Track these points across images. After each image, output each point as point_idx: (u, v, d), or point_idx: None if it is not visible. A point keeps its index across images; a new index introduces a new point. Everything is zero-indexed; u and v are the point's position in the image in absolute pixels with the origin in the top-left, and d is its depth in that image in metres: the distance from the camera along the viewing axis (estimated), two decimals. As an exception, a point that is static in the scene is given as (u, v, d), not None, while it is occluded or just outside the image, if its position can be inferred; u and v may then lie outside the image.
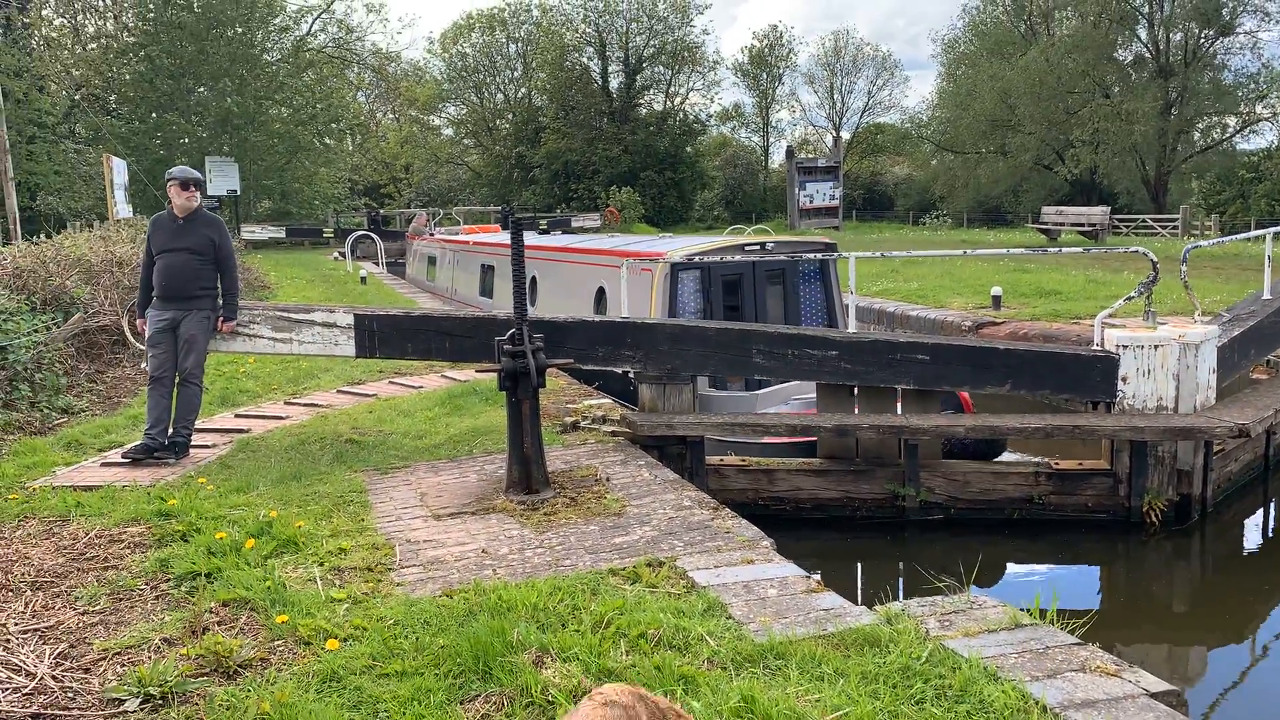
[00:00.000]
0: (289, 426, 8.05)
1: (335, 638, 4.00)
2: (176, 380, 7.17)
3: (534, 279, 12.99)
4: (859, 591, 6.43)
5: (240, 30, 38.60)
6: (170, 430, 7.13)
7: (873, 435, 7.01)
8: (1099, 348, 7.06)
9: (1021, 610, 4.15)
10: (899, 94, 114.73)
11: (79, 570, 5.04)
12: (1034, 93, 47.72)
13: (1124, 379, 6.88)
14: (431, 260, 20.62)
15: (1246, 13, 45.08)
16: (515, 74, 64.29)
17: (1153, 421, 6.64)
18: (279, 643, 4.05)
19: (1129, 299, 7.33)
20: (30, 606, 4.62)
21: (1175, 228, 35.33)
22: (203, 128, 36.92)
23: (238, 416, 8.54)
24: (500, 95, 65.13)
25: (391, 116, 70.76)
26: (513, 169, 60.82)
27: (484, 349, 7.13)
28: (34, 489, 6.39)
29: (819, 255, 10.18)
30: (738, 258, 9.89)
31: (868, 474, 7.23)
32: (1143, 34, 48.91)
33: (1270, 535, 7.45)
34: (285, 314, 7.40)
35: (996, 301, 14.15)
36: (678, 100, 61.82)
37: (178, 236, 7.13)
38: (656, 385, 7.29)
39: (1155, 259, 7.17)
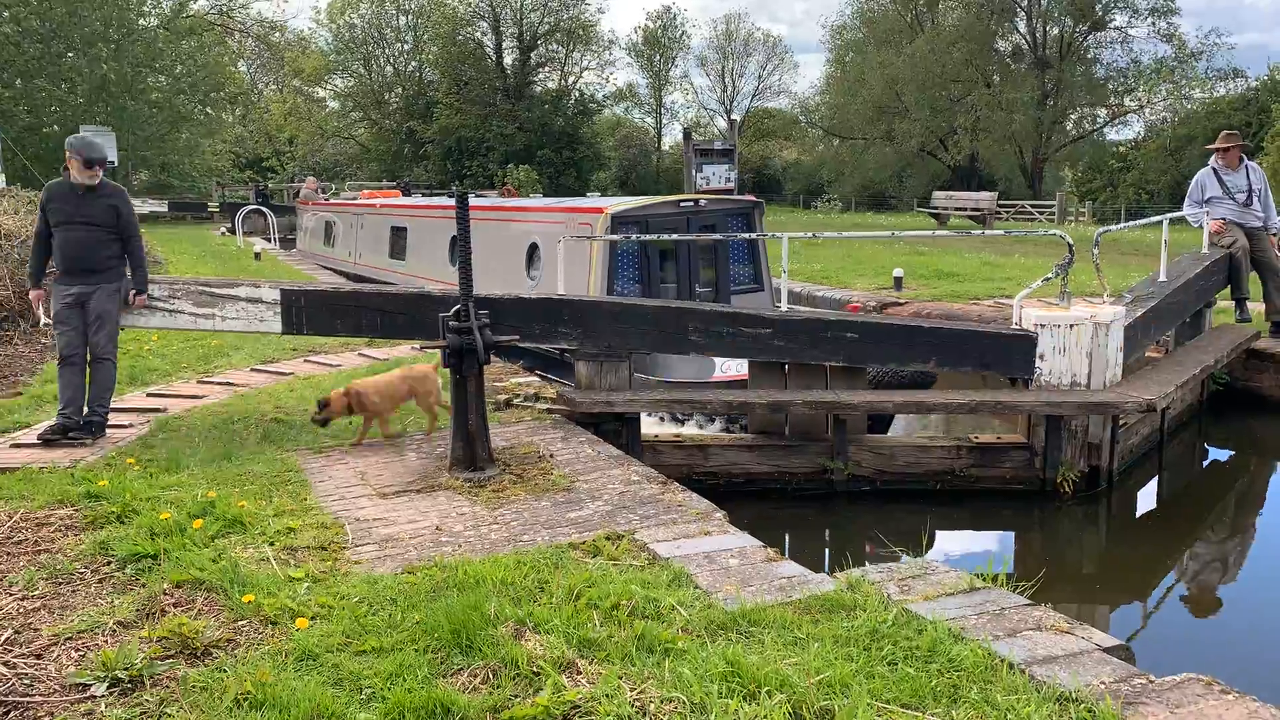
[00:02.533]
0: (208, 406, 7.80)
1: (303, 616, 3.94)
2: (88, 358, 6.88)
3: (453, 238, 12.92)
4: (790, 554, 6.59)
5: (115, -8, 36.75)
6: (85, 409, 6.83)
7: (804, 410, 7.19)
8: (1018, 326, 7.36)
9: (974, 575, 4.35)
10: (788, 79, 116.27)
11: (8, 555, 4.82)
12: (919, 81, 49.09)
13: (1041, 356, 7.14)
14: (329, 227, 20.05)
15: (1118, 9, 47.26)
16: (406, 47, 62.91)
17: (1069, 397, 6.96)
18: (243, 623, 3.97)
19: (1046, 280, 7.64)
20: (-40, 593, 4.40)
21: (1053, 213, 36.93)
22: (76, 95, 35.04)
23: (150, 396, 8.22)
24: (390, 68, 63.67)
25: (275, 87, 68.42)
26: (403, 144, 59.60)
27: (417, 325, 7.04)
28: (-57, 471, 6.06)
29: (745, 211, 10.98)
30: (673, 211, 10.49)
31: (799, 449, 7.41)
32: (1021, 26, 50.82)
33: (1165, 501, 7.94)
34: (208, 289, 7.15)
35: (898, 283, 14.58)
36: (572, 79, 61.50)
37: (79, 207, 6.74)
38: (594, 362, 7.31)
39: (1071, 242, 7.45)
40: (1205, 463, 8.98)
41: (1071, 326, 7.10)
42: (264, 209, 26.77)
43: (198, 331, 10.50)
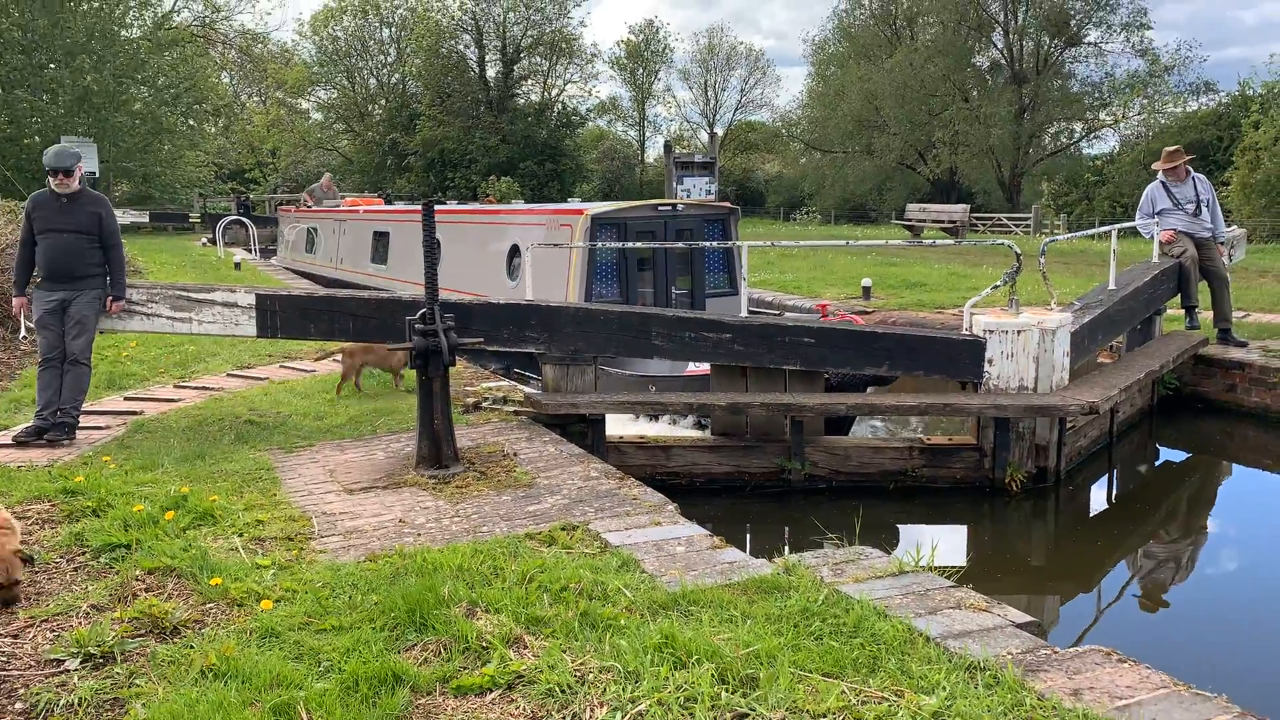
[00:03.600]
0: (184, 408, 8.01)
1: (268, 599, 4.16)
2: (64, 360, 7.08)
3: (437, 243, 13.24)
4: (749, 549, 6.84)
5: (98, 4, 36.88)
6: (58, 411, 7.03)
7: (762, 412, 7.44)
8: (968, 332, 7.62)
9: (904, 560, 4.62)
10: (770, 93, 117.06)
11: (-13, 546, 5.01)
12: (899, 95, 49.72)
13: (990, 361, 7.38)
14: (310, 234, 20.31)
15: (1092, 24, 47.98)
16: (389, 59, 63.22)
17: (1015, 400, 7.22)
18: (211, 605, 4.19)
19: (995, 288, 7.93)
20: (-59, 581, 4.60)
21: (1028, 225, 37.45)
22: (58, 106, 35.13)
23: (128, 399, 8.42)
24: (373, 80, 63.94)
25: (258, 99, 68.56)
26: (386, 155, 59.83)
27: (388, 329, 7.27)
28: (-77, 470, 6.24)
29: (722, 216, 11.54)
30: (652, 214, 10.95)
31: (757, 449, 7.66)
32: (999, 42, 51.51)
33: (1113, 501, 8.23)
34: (185, 293, 7.38)
35: (866, 292, 14.90)
36: (555, 92, 61.88)
37: (62, 215, 7.03)
38: (560, 366, 7.56)
39: (1019, 251, 7.68)
40: (1157, 463, 9.28)
41: (1019, 332, 7.36)
42: (244, 219, 26.94)
43: (175, 336, 10.71)
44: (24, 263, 7.21)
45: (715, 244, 10.78)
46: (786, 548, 6.70)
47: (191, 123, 41.59)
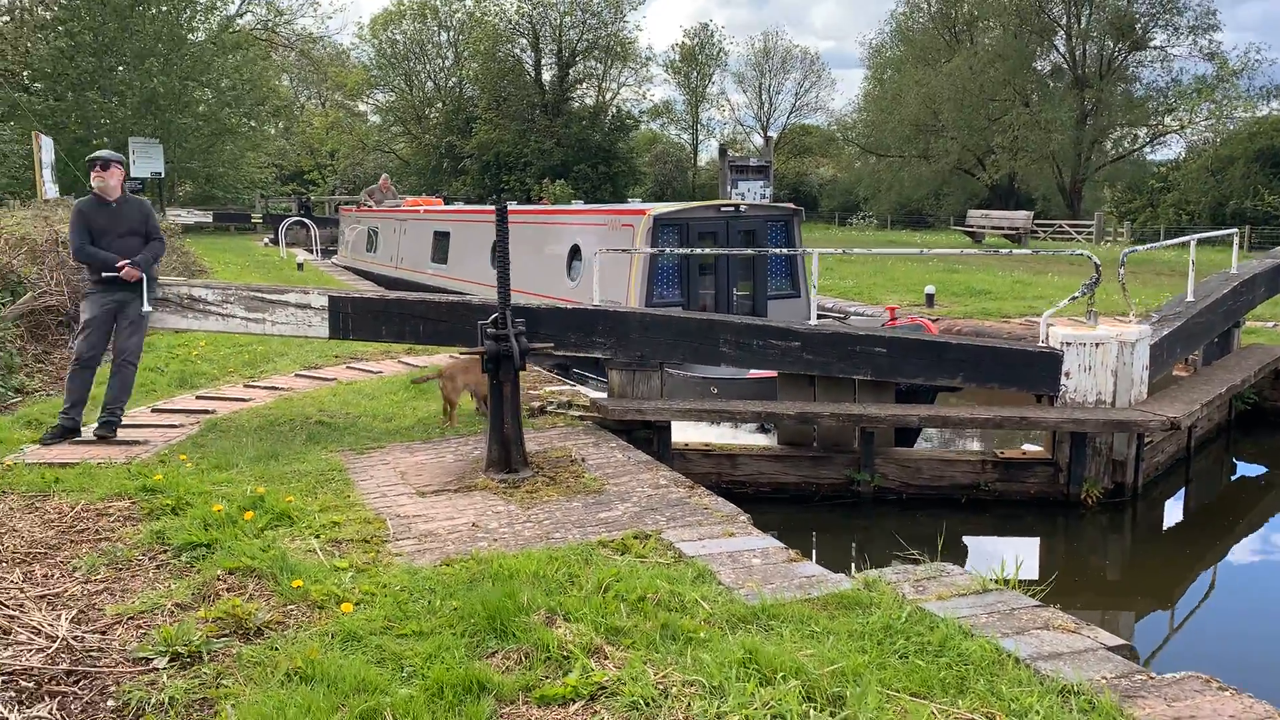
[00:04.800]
0: (255, 408, 8.11)
1: (348, 601, 4.18)
2: (113, 361, 7.18)
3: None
4: (815, 560, 6.76)
5: (166, 8, 37.66)
6: (103, 410, 7.11)
7: (832, 423, 7.36)
8: (1044, 344, 7.49)
9: (986, 578, 4.52)
10: (825, 96, 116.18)
11: (71, 542, 5.12)
12: (957, 99, 49.00)
13: (1067, 374, 7.23)
14: (371, 234, 20.49)
15: (1158, 27, 46.93)
16: (446, 63, 63.72)
17: (1093, 414, 7.10)
18: (292, 607, 4.22)
19: (1073, 299, 7.75)
20: (28, 576, 4.69)
21: (1090, 233, 36.74)
22: (125, 108, 35.93)
23: (199, 398, 8.55)
24: (430, 84, 64.53)
25: (316, 101, 69.58)
26: (443, 158, 60.33)
27: (458, 333, 7.31)
28: (7, 465, 6.39)
29: (785, 217, 11.48)
30: (714, 215, 10.84)
31: (825, 460, 7.58)
32: (1060, 46, 50.56)
33: (1190, 517, 8.02)
34: (259, 294, 7.50)
35: (930, 299, 14.69)
36: (609, 95, 62.02)
37: (116, 220, 7.12)
38: (626, 371, 7.54)
39: (1098, 262, 7.54)
40: (1233, 478, 9.04)
41: (1097, 345, 7.25)
42: (306, 220, 27.34)
43: (245, 336, 10.88)
44: (95, 253, 7.11)
45: (782, 250, 10.69)
46: (853, 563, 6.62)
47: (253, 124, 42.27)
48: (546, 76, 60.33)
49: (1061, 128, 45.72)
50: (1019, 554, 7.19)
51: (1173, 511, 7.91)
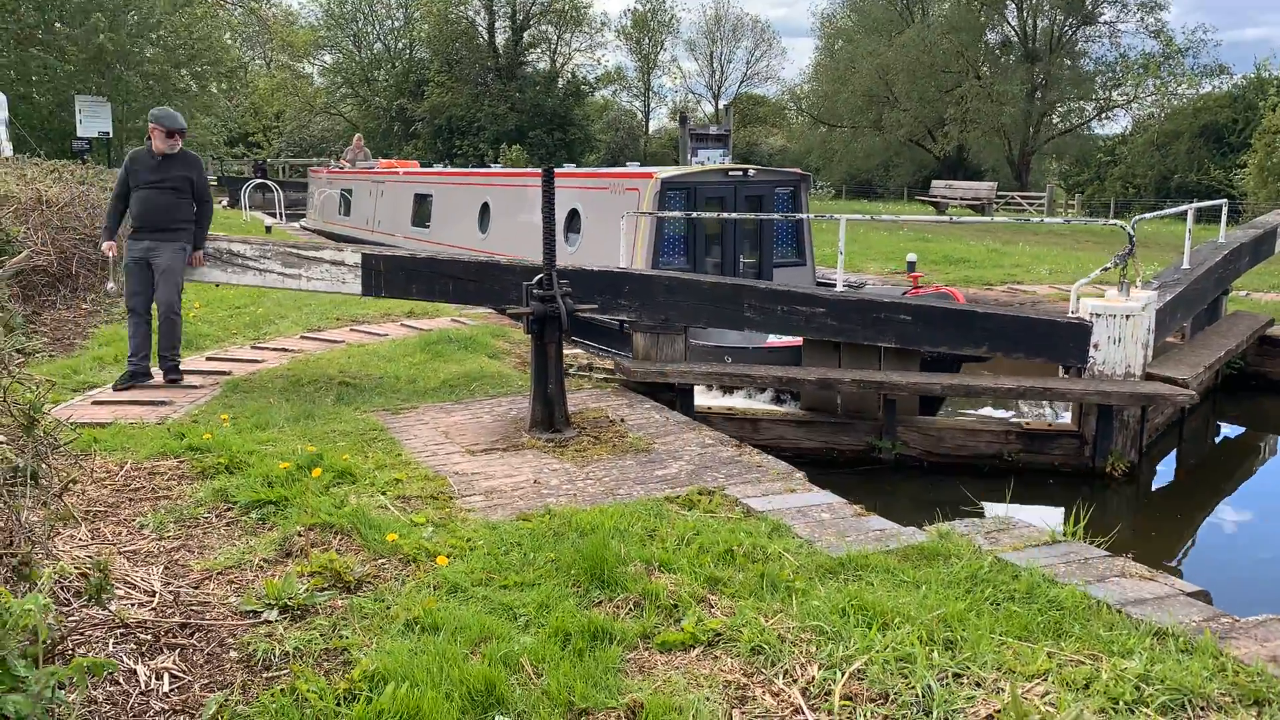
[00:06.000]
0: (271, 370, 8.03)
1: (441, 554, 4.21)
2: (154, 311, 7.40)
3: (485, 205, 13.11)
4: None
5: (110, -39, 36.38)
6: (163, 358, 7.47)
7: (854, 390, 7.47)
8: (1074, 315, 7.51)
9: (1054, 530, 4.69)
10: (776, 65, 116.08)
11: (130, 501, 5.07)
12: (910, 71, 49.42)
13: (1096, 346, 7.23)
14: (345, 196, 19.99)
15: (1107, 3, 47.71)
16: (396, 24, 62.58)
17: (1120, 387, 7.14)
18: (383, 561, 4.24)
19: (1105, 269, 7.70)
20: (96, 534, 4.65)
21: (1042, 204, 37.45)
22: (69, 63, 34.75)
23: (210, 359, 8.43)
24: (379, 45, 63.33)
25: (261, 62, 67.87)
26: (393, 121, 59.36)
27: (486, 293, 7.32)
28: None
29: (793, 182, 11.45)
30: (722, 180, 10.75)
31: (848, 426, 7.70)
32: (1012, 19, 51.17)
33: (1189, 471, 8.35)
34: (295, 251, 7.56)
35: (911, 267, 14.85)
36: (563, 61, 61.45)
37: (158, 171, 7.37)
38: (651, 334, 7.59)
39: (1132, 233, 7.52)
40: (1224, 438, 9.40)
41: (1128, 317, 7.27)
42: (270, 183, 26.78)
43: (241, 299, 10.74)
44: (116, 212, 7.57)
45: (783, 215, 10.74)
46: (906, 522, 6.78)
47: (214, 89, 41.15)
48: (500, 40, 59.56)
49: (1013, 100, 46.39)
50: (1044, 517, 7.43)
51: (1171, 473, 8.21)
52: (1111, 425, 7.36)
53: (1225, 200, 10.30)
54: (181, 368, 7.59)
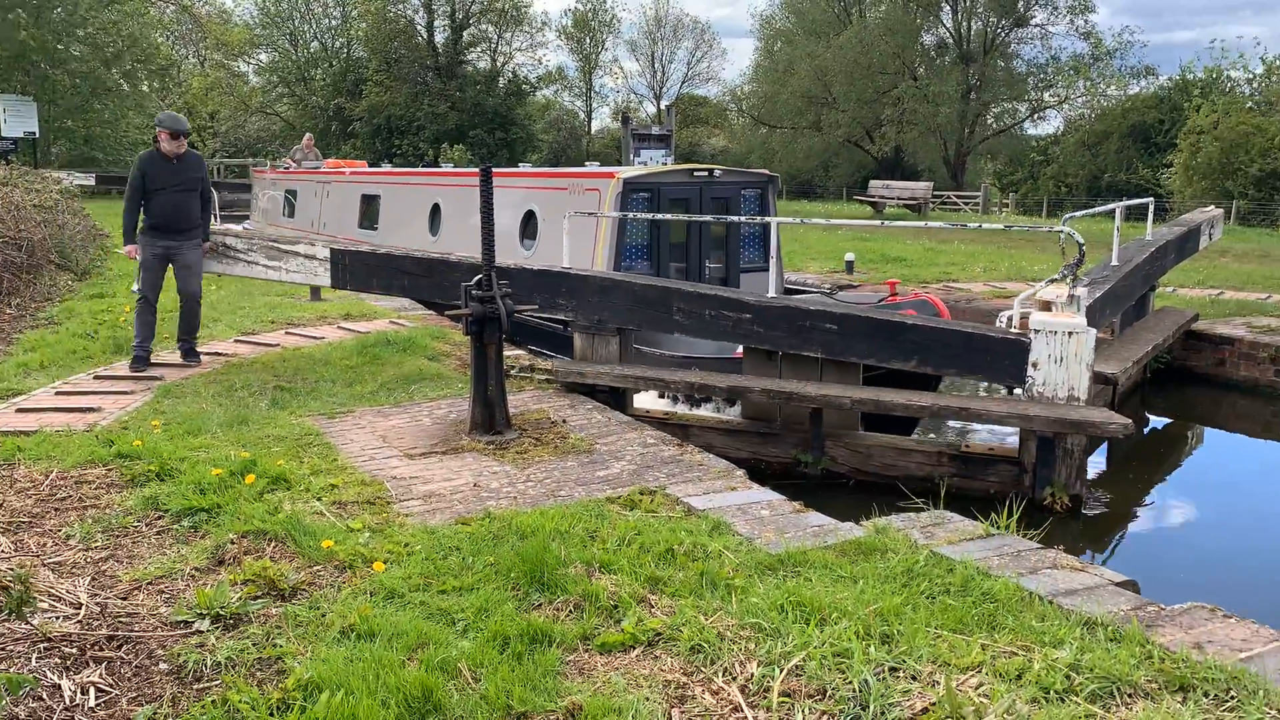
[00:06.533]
0: (205, 374, 7.86)
1: (377, 560, 4.16)
2: (180, 303, 8.24)
3: (436, 206, 12.82)
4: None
5: (34, -44, 35.38)
6: (180, 342, 8.36)
7: (762, 400, 7.17)
8: (1010, 329, 6.81)
9: (987, 523, 4.76)
10: (717, 66, 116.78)
11: (56, 511, 4.94)
12: (848, 72, 49.99)
13: (1034, 364, 6.40)
14: (289, 198, 19.38)
15: (1038, 6, 48.71)
16: (333, 22, 61.78)
17: (1048, 411, 6.31)
18: (319, 568, 4.18)
19: (1053, 281, 6.89)
20: (20, 545, 4.51)
21: (977, 204, 38.11)
22: (-9, 62, 33.77)
23: (140, 364, 8.23)
24: (316, 43, 62.46)
25: (194, 60, 66.52)
26: (330, 121, 58.54)
27: (436, 289, 7.34)
28: (-41, 434, 6.07)
29: (760, 184, 10.96)
30: (686, 180, 10.31)
31: (775, 438, 7.45)
32: (947, 21, 52.00)
33: (1118, 462, 8.54)
34: (276, 245, 8.23)
35: (850, 266, 15.09)
36: (504, 60, 61.12)
37: (175, 175, 7.95)
38: (587, 335, 7.57)
39: (1082, 240, 6.72)
40: (1152, 428, 9.64)
41: (1070, 334, 6.42)
42: (203, 184, 26.24)
43: (268, 282, 10.52)
44: (133, 213, 8.07)
45: (746, 219, 10.27)
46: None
47: (144, 87, 40.23)
48: (439, 39, 59.02)
49: (948, 101, 47.12)
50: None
51: (1101, 460, 8.40)
52: (1053, 453, 6.65)
53: (1152, 199, 10.56)
54: (109, 386, 7.50)
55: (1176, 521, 7.21)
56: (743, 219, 10.11)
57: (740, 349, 7.94)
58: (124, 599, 3.94)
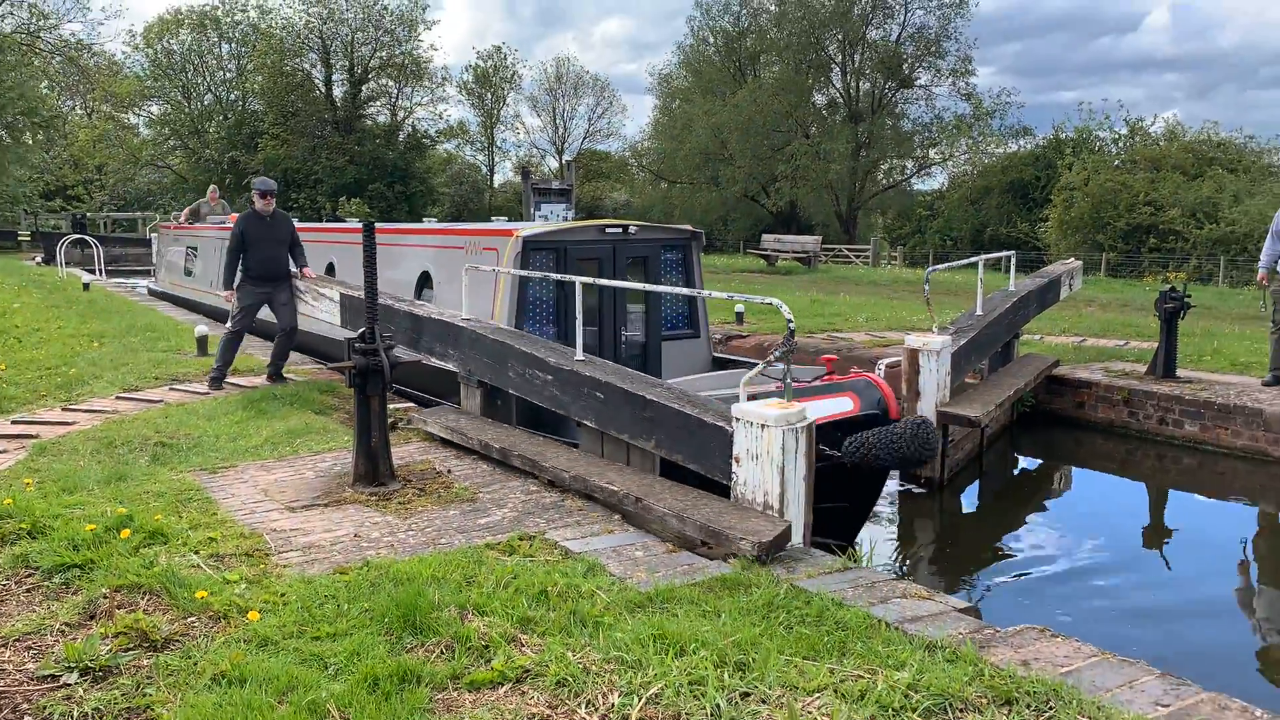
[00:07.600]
0: (84, 431, 7.75)
1: (252, 610, 4.22)
2: (279, 332, 9.81)
3: (330, 265, 12.52)
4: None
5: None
6: (270, 366, 10.00)
7: (501, 460, 6.82)
8: (717, 417, 5.66)
9: (846, 559, 5.05)
10: (617, 122, 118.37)
11: (-81, 571, 4.84)
12: (744, 129, 51.46)
13: (737, 460, 5.34)
14: (192, 250, 18.12)
15: (922, 68, 51.06)
16: (228, 75, 61.07)
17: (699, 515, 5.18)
18: (193, 619, 4.21)
19: (767, 364, 5.80)
20: (-120, 607, 4.43)
21: (868, 257, 39.44)
22: None
23: (16, 423, 8.06)
24: (210, 96, 61.60)
25: (81, 112, 64.87)
26: (225, 174, 57.63)
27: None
28: None
29: (683, 242, 9.77)
30: (596, 237, 9.19)
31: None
32: (837, 81, 54.09)
33: (986, 499, 9.01)
34: (317, 287, 9.63)
35: (740, 317, 15.54)
36: (403, 115, 61.18)
37: (270, 231, 9.65)
38: (465, 384, 7.70)
39: (791, 320, 5.43)
40: (1020, 469, 10.19)
41: (764, 427, 5.14)
42: (89, 239, 25.59)
43: (51, 361, 10.31)
44: (233, 265, 9.70)
45: (669, 289, 8.10)
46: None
47: (28, 139, 39.12)
48: (338, 93, 58.87)
49: (839, 158, 48.85)
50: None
51: (971, 497, 8.86)
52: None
53: (1014, 252, 11.22)
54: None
55: (1026, 552, 7.65)
56: (663, 288, 8.06)
57: None
58: (-10, 656, 3.92)
